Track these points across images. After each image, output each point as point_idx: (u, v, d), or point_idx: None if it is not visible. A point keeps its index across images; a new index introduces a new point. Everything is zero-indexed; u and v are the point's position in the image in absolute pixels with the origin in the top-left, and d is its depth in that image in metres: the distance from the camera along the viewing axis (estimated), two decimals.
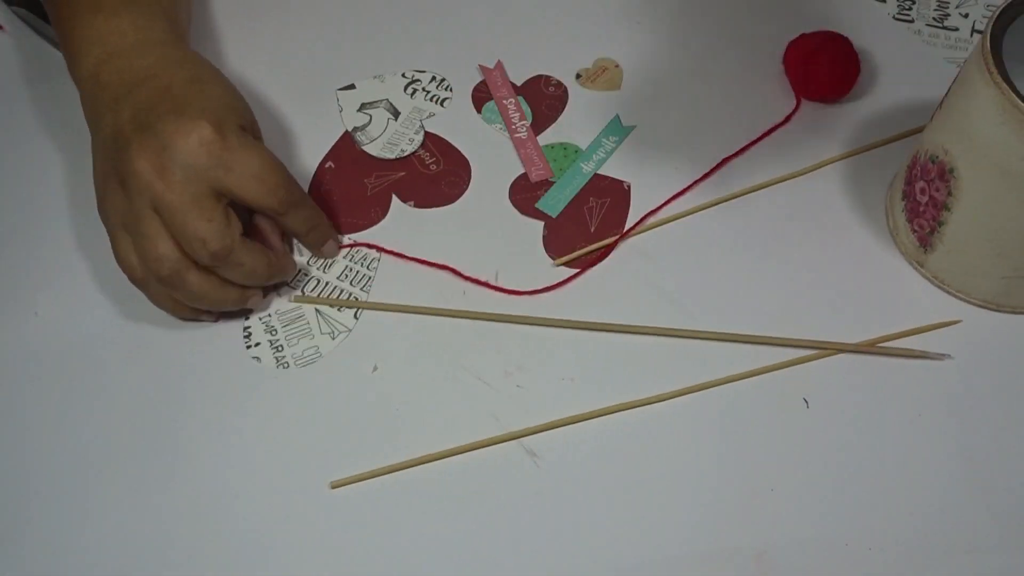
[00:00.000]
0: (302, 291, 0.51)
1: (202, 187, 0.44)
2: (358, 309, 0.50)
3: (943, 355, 0.49)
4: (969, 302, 0.50)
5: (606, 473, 0.46)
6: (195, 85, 0.46)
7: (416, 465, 0.46)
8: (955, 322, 0.50)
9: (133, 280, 0.46)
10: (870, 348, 0.49)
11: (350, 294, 0.51)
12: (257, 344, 0.49)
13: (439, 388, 0.48)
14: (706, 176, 0.54)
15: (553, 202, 0.54)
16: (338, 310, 0.50)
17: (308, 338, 0.49)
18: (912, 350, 0.49)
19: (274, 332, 0.50)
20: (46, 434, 0.46)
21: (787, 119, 0.57)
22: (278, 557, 0.43)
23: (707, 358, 0.48)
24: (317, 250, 0.51)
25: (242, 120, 0.47)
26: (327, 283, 0.51)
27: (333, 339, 0.49)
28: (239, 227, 0.45)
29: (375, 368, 0.48)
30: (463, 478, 0.45)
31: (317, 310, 0.50)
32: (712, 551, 0.44)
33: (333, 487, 0.45)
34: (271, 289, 0.50)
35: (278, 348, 0.49)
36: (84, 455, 0.46)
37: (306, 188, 0.54)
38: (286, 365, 0.48)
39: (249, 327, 0.50)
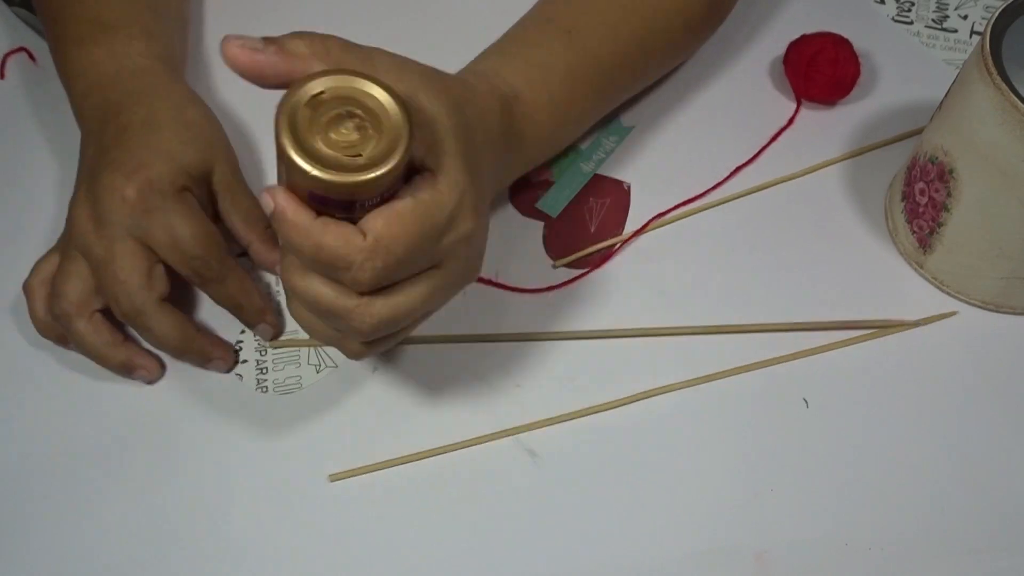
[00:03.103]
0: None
1: (127, 244, 0.43)
2: None
3: (915, 322, 0.49)
4: (968, 303, 0.50)
5: (606, 472, 0.46)
6: (146, 130, 0.45)
7: (415, 460, 0.46)
8: (952, 313, 0.50)
9: (24, 289, 0.46)
10: (840, 325, 0.49)
11: None
12: (244, 362, 0.48)
13: (439, 386, 0.48)
14: (719, 185, 0.54)
15: (553, 202, 0.54)
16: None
17: (294, 366, 0.48)
18: (884, 321, 0.49)
19: (264, 352, 0.48)
20: (45, 430, 0.46)
21: (790, 122, 0.57)
22: (276, 548, 0.43)
23: (707, 356, 0.49)
24: (251, 329, 0.48)
25: (184, 175, 0.44)
26: None
27: (318, 372, 0.48)
28: (160, 290, 0.44)
29: (375, 369, 0.48)
30: (462, 474, 0.45)
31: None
32: (712, 550, 0.44)
33: (332, 480, 0.45)
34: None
35: (263, 370, 0.48)
36: (83, 452, 0.46)
37: None
38: (265, 389, 0.47)
39: (241, 342, 0.49)
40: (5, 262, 0.51)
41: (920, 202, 0.50)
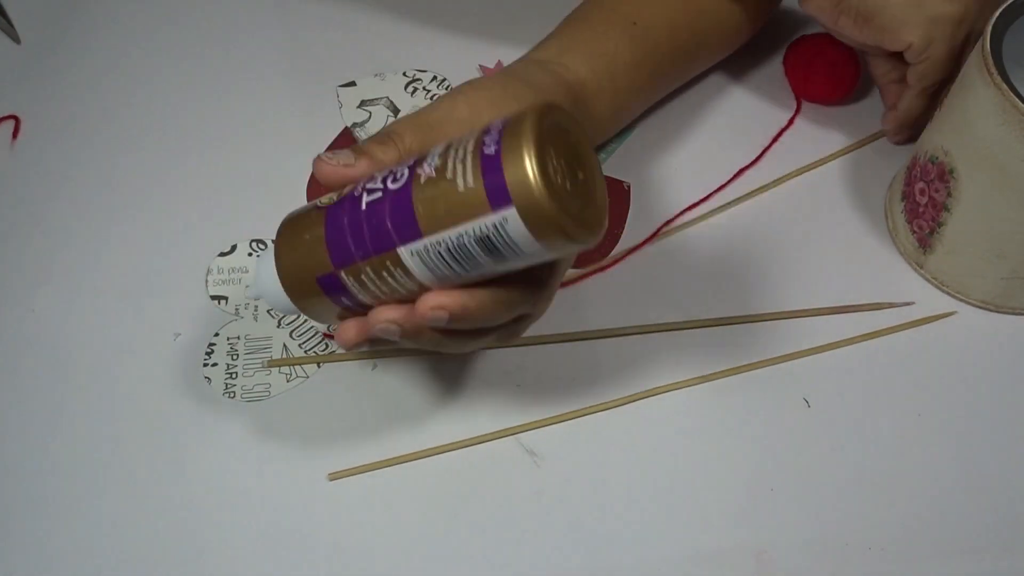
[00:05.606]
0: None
1: None
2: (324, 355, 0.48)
3: (909, 302, 0.50)
4: (968, 303, 0.50)
5: (606, 472, 0.45)
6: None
7: (414, 459, 0.45)
8: (952, 313, 0.50)
9: None
10: (837, 309, 0.50)
11: (324, 339, 0.49)
12: (214, 365, 0.48)
13: (439, 386, 0.48)
14: (723, 187, 0.54)
15: None
16: (303, 352, 0.48)
17: (264, 372, 0.48)
18: (880, 304, 0.50)
19: (235, 356, 0.48)
20: (43, 430, 0.46)
21: (790, 122, 0.57)
22: (274, 546, 0.43)
23: (707, 356, 0.49)
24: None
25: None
26: (304, 319, 0.49)
27: (288, 382, 0.48)
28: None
29: (374, 366, 0.48)
30: (462, 474, 0.45)
31: (285, 346, 0.49)
32: (712, 550, 0.43)
33: (331, 479, 0.45)
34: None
35: (232, 375, 0.47)
36: (81, 452, 0.46)
37: (305, 183, 0.54)
38: (232, 395, 0.47)
39: (214, 344, 0.49)
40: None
41: (920, 202, 0.50)
